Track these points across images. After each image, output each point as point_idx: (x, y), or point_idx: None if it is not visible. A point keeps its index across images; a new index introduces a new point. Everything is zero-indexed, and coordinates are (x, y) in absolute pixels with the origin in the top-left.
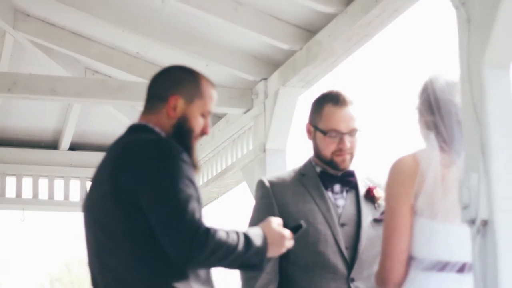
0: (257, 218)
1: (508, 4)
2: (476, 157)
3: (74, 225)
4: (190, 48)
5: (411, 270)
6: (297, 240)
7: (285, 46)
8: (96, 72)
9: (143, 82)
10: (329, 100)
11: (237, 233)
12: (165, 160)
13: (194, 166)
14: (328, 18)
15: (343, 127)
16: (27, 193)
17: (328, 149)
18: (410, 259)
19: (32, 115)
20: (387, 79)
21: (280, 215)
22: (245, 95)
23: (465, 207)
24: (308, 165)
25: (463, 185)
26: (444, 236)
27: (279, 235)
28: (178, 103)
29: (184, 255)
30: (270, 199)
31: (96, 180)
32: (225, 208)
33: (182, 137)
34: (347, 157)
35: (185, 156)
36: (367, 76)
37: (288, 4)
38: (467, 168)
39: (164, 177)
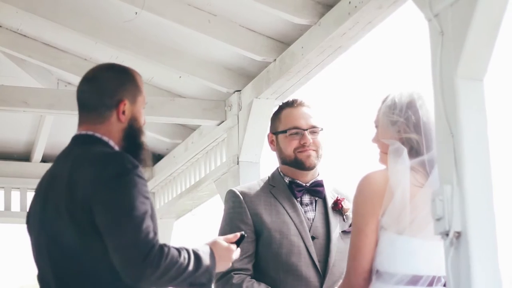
0: (230, 229)
1: (481, 16)
2: (450, 170)
3: None
4: (163, 59)
5: (380, 284)
6: (268, 251)
7: (258, 58)
8: (69, 83)
9: None
10: (285, 105)
11: (188, 252)
12: (121, 176)
13: (145, 162)
14: (302, 30)
15: (303, 124)
16: None
17: (290, 147)
18: (378, 273)
19: (4, 126)
20: (362, 91)
21: (254, 224)
22: (218, 107)
23: (438, 219)
24: (277, 176)
25: (437, 197)
26: (411, 250)
27: (226, 250)
28: (126, 107)
29: (136, 274)
30: (244, 209)
31: (46, 195)
32: (198, 220)
33: (135, 137)
34: (312, 153)
35: (140, 171)
36: (342, 89)
37: (262, 15)
38: (440, 181)
39: (120, 194)
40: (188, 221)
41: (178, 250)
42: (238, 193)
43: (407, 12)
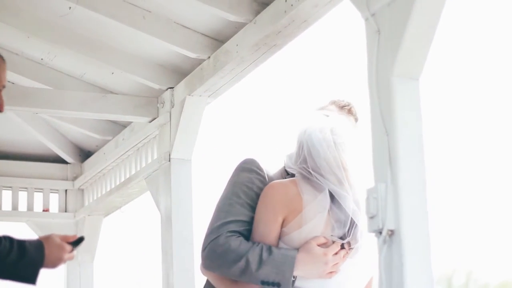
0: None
1: (418, 16)
2: (384, 168)
3: None
4: (96, 55)
5: None
6: None
7: (192, 55)
8: None
9: (48, 89)
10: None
11: (11, 241)
12: None
13: None
14: (237, 28)
15: None
16: None
17: None
18: None
19: None
20: (297, 90)
21: None
22: (150, 103)
23: (372, 217)
24: None
25: (371, 195)
26: None
27: (58, 247)
28: None
29: None
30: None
31: None
32: (128, 218)
33: None
34: None
35: None
36: (276, 88)
37: (197, 12)
38: (375, 179)
39: None
40: (117, 218)
41: None
42: (265, 174)
43: (344, 10)
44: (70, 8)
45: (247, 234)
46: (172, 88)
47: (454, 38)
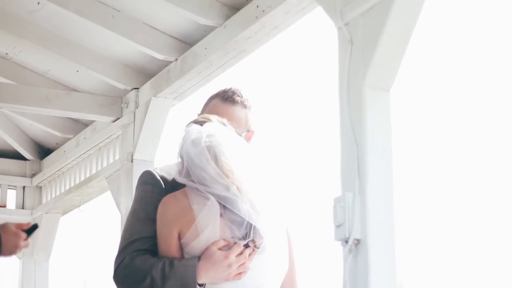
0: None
1: (392, 27)
2: (352, 177)
3: None
4: (62, 52)
5: None
6: None
7: (160, 56)
8: None
9: (11, 84)
10: None
11: None
12: None
13: None
14: (206, 31)
15: None
16: None
17: None
18: None
19: None
20: (264, 96)
21: None
22: (115, 103)
23: (338, 226)
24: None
25: (338, 204)
26: None
27: (14, 235)
28: None
29: None
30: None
31: None
32: (87, 217)
33: None
34: None
35: None
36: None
37: (166, 14)
38: (342, 188)
39: None
40: (75, 216)
41: None
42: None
43: (316, 19)
44: (38, 3)
45: (155, 249)
46: (137, 88)
47: (426, 49)
